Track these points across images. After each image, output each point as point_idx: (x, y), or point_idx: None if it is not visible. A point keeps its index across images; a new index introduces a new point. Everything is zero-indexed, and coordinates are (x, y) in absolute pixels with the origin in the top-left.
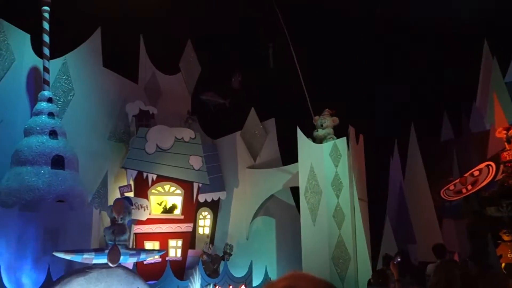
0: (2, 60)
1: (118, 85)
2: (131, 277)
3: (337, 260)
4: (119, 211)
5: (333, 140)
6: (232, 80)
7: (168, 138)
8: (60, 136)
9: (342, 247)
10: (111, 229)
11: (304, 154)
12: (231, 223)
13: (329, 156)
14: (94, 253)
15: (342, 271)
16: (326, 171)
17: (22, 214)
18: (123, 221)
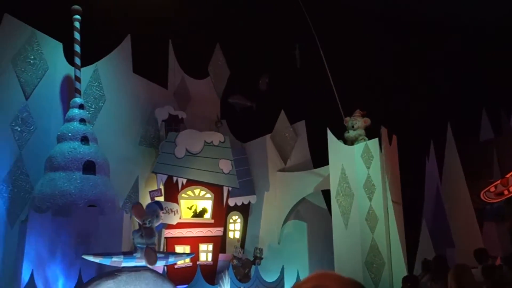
0: (36, 69)
1: (148, 91)
2: (159, 281)
3: (370, 264)
4: (139, 215)
5: (365, 141)
6: (259, 82)
7: (198, 142)
8: (91, 142)
9: (375, 251)
10: (139, 232)
11: (335, 156)
12: (262, 227)
13: (361, 158)
14: (123, 256)
15: (376, 276)
16: (357, 173)
17: (55, 219)
18: (151, 224)
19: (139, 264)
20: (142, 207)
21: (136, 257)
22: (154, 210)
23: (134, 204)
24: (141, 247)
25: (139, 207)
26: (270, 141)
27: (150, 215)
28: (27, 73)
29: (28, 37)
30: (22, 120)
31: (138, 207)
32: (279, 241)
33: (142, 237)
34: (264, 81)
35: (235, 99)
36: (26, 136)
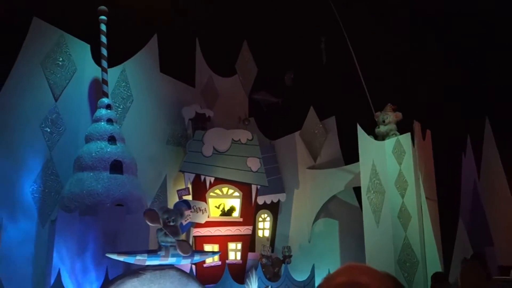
0: (64, 71)
1: (175, 90)
2: (184, 279)
3: (403, 263)
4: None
5: (396, 136)
6: (285, 77)
7: (225, 140)
8: (118, 141)
9: (408, 250)
10: (163, 231)
11: (365, 152)
12: (292, 225)
13: (392, 154)
14: (147, 254)
15: (409, 276)
16: (389, 170)
17: (83, 219)
18: (175, 222)
19: (163, 262)
20: (154, 213)
21: (161, 255)
22: (178, 209)
23: (146, 211)
24: (166, 246)
25: (151, 213)
26: (299, 138)
27: (173, 213)
28: (56, 75)
29: (56, 39)
30: (52, 121)
31: (150, 214)
32: (310, 240)
33: (167, 235)
34: (289, 76)
35: (260, 95)
36: (56, 137)
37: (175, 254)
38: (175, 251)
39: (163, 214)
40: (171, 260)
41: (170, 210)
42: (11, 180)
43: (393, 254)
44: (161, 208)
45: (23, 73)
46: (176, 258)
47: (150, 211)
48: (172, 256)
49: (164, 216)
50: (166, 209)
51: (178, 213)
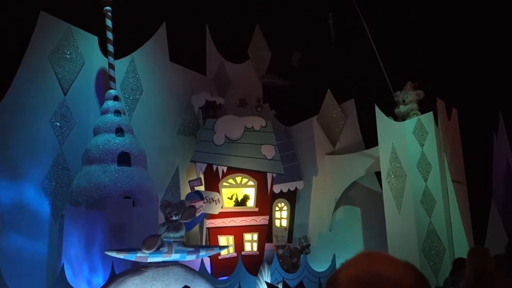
0: (72, 64)
1: (185, 78)
2: (190, 275)
3: (428, 251)
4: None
5: (417, 116)
6: (292, 59)
7: (237, 128)
8: (126, 133)
9: (434, 237)
10: (165, 226)
11: (384, 134)
12: (311, 214)
13: (413, 135)
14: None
15: (435, 264)
16: (410, 152)
17: (89, 212)
18: (178, 217)
19: (167, 259)
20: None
21: (163, 252)
22: (181, 202)
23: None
24: (168, 241)
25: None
26: (316, 123)
27: (175, 207)
28: (64, 68)
29: (64, 32)
30: (61, 115)
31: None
32: (331, 229)
33: (169, 231)
34: (297, 57)
35: (267, 78)
36: (66, 131)
37: (179, 250)
38: (179, 247)
39: (165, 209)
40: (174, 257)
41: (172, 204)
42: (22, 176)
43: (416, 242)
44: (162, 202)
45: (31, 68)
46: (180, 254)
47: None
48: (176, 252)
49: (166, 211)
50: (167, 203)
51: (181, 207)
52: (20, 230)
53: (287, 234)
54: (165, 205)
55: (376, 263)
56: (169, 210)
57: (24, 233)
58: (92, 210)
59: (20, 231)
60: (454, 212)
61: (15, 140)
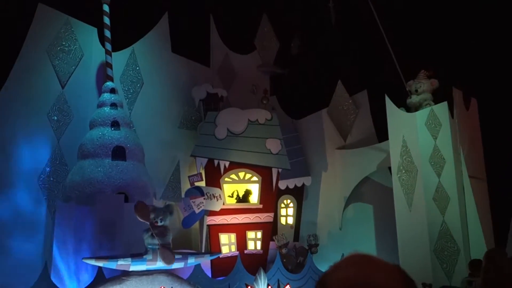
0: (71, 57)
1: (188, 71)
2: (177, 284)
3: (441, 252)
4: (142, 215)
5: (430, 106)
6: (291, 45)
7: (241, 121)
8: (122, 126)
9: (447, 237)
10: (150, 232)
11: (395, 126)
12: (320, 211)
13: (425, 126)
14: (131, 259)
15: (448, 266)
16: (421, 145)
17: (80, 208)
18: (164, 222)
19: (151, 267)
20: (145, 207)
21: (147, 259)
22: (167, 207)
23: (137, 204)
24: (153, 248)
25: (142, 206)
26: (326, 116)
27: (161, 212)
28: (62, 61)
29: (62, 24)
30: (59, 109)
31: (141, 207)
32: (341, 227)
33: (154, 237)
34: (296, 44)
35: (264, 67)
36: (63, 125)
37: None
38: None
39: (150, 213)
40: (160, 265)
41: (157, 209)
42: (19, 171)
43: (428, 242)
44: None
45: (29, 61)
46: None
47: (141, 203)
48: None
49: (151, 216)
50: (152, 208)
51: (167, 212)
52: (16, 226)
53: (293, 232)
54: (150, 210)
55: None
56: (154, 215)
57: (20, 228)
58: (83, 206)
59: (16, 226)
60: (471, 211)
61: (11, 134)
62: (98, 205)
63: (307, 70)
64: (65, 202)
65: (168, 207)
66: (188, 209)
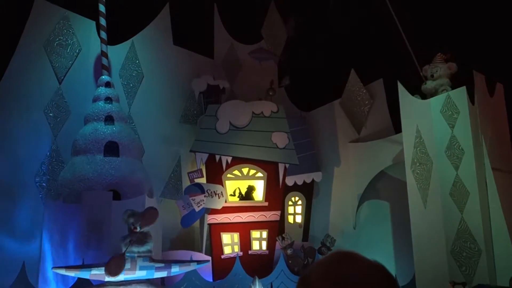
0: (69, 51)
1: (191, 63)
2: None
3: (458, 254)
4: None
5: (447, 92)
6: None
7: (244, 114)
8: (117, 121)
9: (466, 237)
10: (128, 239)
11: (408, 115)
12: (332, 209)
13: (440, 114)
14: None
15: (468, 269)
16: (436, 135)
17: (66, 206)
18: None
19: (129, 277)
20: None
21: (125, 268)
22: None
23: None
24: (132, 257)
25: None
26: (339, 108)
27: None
28: (59, 56)
29: (60, 18)
30: (56, 105)
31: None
32: (355, 226)
33: (132, 244)
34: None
35: (257, 53)
36: (60, 121)
37: (145, 267)
38: (145, 263)
39: (128, 219)
40: (139, 274)
41: (136, 214)
42: (16, 169)
43: (444, 242)
44: (125, 212)
45: (26, 56)
46: (147, 271)
47: (114, 259)
48: (141, 269)
49: (130, 221)
50: (130, 213)
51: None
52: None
53: (302, 232)
54: (128, 214)
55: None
56: (133, 220)
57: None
58: (70, 204)
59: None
60: (495, 207)
61: (7, 132)
62: (85, 203)
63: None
64: (54, 200)
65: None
66: (188, 207)
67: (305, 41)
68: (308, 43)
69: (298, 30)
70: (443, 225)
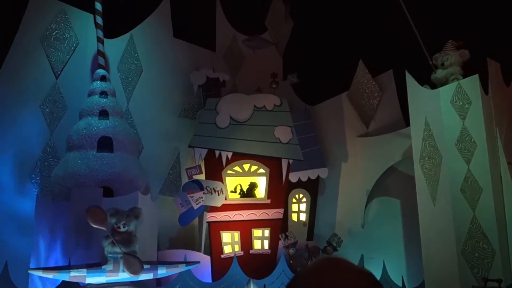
0: (66, 45)
1: (192, 56)
2: None
3: (470, 254)
4: (97, 221)
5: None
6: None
7: (245, 107)
8: (112, 116)
9: (478, 236)
10: (110, 239)
11: (416, 106)
12: (339, 206)
13: (450, 104)
14: (87, 269)
15: (480, 271)
16: (446, 126)
17: (55, 203)
18: (128, 228)
19: (112, 279)
20: (99, 211)
21: (107, 270)
22: (132, 210)
23: (89, 208)
24: (115, 258)
25: (95, 211)
26: (347, 101)
27: (124, 217)
28: (56, 50)
29: (57, 12)
30: (53, 100)
31: (94, 211)
32: (363, 224)
33: (114, 244)
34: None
35: (252, 41)
36: (57, 117)
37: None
38: None
39: (110, 218)
40: (122, 276)
41: (119, 213)
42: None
43: (454, 242)
44: (107, 210)
45: (22, 51)
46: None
47: (94, 208)
48: (123, 270)
49: (112, 221)
50: (114, 211)
51: (132, 216)
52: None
53: (307, 230)
54: (111, 213)
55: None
56: (116, 219)
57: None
58: (59, 201)
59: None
60: (510, 204)
61: (2, 128)
62: (74, 200)
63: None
64: (43, 198)
65: (134, 211)
66: (186, 204)
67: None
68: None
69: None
70: (453, 223)
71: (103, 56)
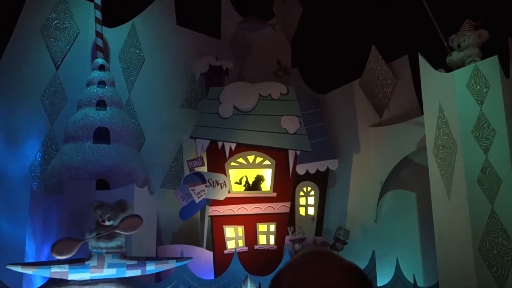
0: (66, 35)
1: (196, 44)
2: None
3: (488, 252)
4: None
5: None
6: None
7: (250, 96)
8: (110, 106)
9: (497, 232)
10: (94, 233)
11: (430, 91)
12: (350, 200)
13: (466, 88)
14: (69, 265)
15: (499, 270)
16: (462, 112)
17: (48, 196)
18: (113, 222)
19: (96, 275)
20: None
21: (90, 266)
22: (118, 202)
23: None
24: (99, 253)
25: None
26: (359, 89)
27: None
28: (56, 40)
29: (57, 1)
30: (53, 92)
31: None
32: (376, 219)
33: (99, 239)
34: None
35: (248, 23)
36: (57, 109)
37: (115, 264)
38: (115, 260)
39: (95, 210)
40: (107, 272)
41: (104, 205)
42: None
43: (471, 238)
44: (92, 203)
45: (22, 41)
46: (117, 269)
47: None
48: (109, 266)
49: (97, 213)
50: (98, 204)
51: (118, 209)
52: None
53: (315, 225)
54: (95, 206)
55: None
56: (101, 212)
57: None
58: (52, 194)
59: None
60: None
61: (2, 120)
62: (66, 193)
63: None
64: (37, 190)
65: (120, 203)
66: (187, 198)
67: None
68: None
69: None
70: (469, 218)
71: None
